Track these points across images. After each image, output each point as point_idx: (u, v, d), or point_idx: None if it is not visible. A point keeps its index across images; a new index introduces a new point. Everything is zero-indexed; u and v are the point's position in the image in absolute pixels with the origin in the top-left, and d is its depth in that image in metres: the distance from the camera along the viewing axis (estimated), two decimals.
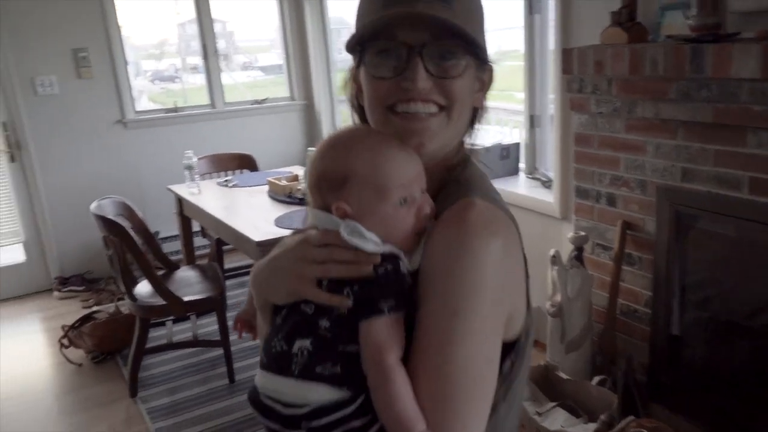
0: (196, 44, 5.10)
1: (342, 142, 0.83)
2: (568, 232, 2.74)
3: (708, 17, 2.03)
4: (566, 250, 2.67)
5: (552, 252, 2.58)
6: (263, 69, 5.63)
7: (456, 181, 0.87)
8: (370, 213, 0.80)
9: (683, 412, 2.39)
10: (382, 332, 0.75)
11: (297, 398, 0.78)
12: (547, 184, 3.17)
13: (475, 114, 0.91)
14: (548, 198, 3.04)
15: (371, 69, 0.82)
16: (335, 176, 0.81)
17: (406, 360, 0.76)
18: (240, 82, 4.97)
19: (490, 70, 0.89)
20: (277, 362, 0.81)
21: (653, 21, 2.35)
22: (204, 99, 4.78)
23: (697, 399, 2.43)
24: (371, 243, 0.78)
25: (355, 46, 0.84)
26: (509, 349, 0.82)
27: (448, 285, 0.75)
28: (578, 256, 2.62)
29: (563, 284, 2.56)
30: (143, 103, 4.59)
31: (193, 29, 4.76)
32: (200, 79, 4.85)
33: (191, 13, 4.69)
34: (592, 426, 2.26)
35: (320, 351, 0.78)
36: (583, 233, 2.66)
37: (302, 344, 0.79)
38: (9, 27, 3.94)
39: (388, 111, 0.82)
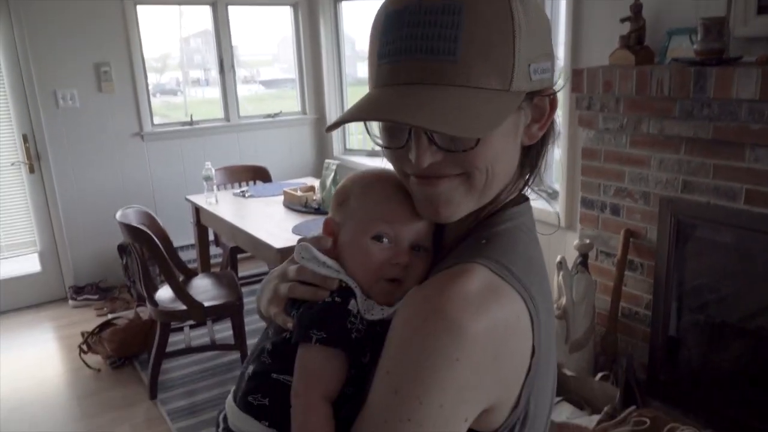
0: (199, 58, 5.18)
1: (369, 173, 0.82)
2: (574, 240, 2.90)
3: (713, 42, 2.16)
4: (572, 257, 2.82)
5: (558, 258, 2.73)
6: (264, 83, 5.70)
7: (477, 238, 0.73)
8: (348, 237, 0.78)
9: (679, 407, 2.54)
10: (309, 362, 0.71)
11: (237, 429, 0.77)
12: (552, 195, 3.32)
13: (532, 150, 0.74)
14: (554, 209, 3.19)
15: (375, 137, 0.72)
16: (341, 194, 0.82)
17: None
18: (241, 96, 5.01)
19: (552, 94, 0.71)
20: (237, 383, 0.81)
21: (660, 44, 2.51)
22: (214, 112, 4.86)
23: (692, 395, 2.58)
24: (324, 267, 0.76)
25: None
26: None
27: (398, 357, 0.64)
28: (583, 262, 2.77)
29: (569, 288, 2.70)
30: None
31: (197, 43, 4.83)
32: (201, 92, 4.89)
33: (195, 27, 4.75)
34: (596, 417, 2.40)
35: (255, 378, 0.76)
36: (588, 241, 2.81)
37: (248, 369, 0.78)
38: (33, 41, 3.98)
39: (406, 177, 0.74)
